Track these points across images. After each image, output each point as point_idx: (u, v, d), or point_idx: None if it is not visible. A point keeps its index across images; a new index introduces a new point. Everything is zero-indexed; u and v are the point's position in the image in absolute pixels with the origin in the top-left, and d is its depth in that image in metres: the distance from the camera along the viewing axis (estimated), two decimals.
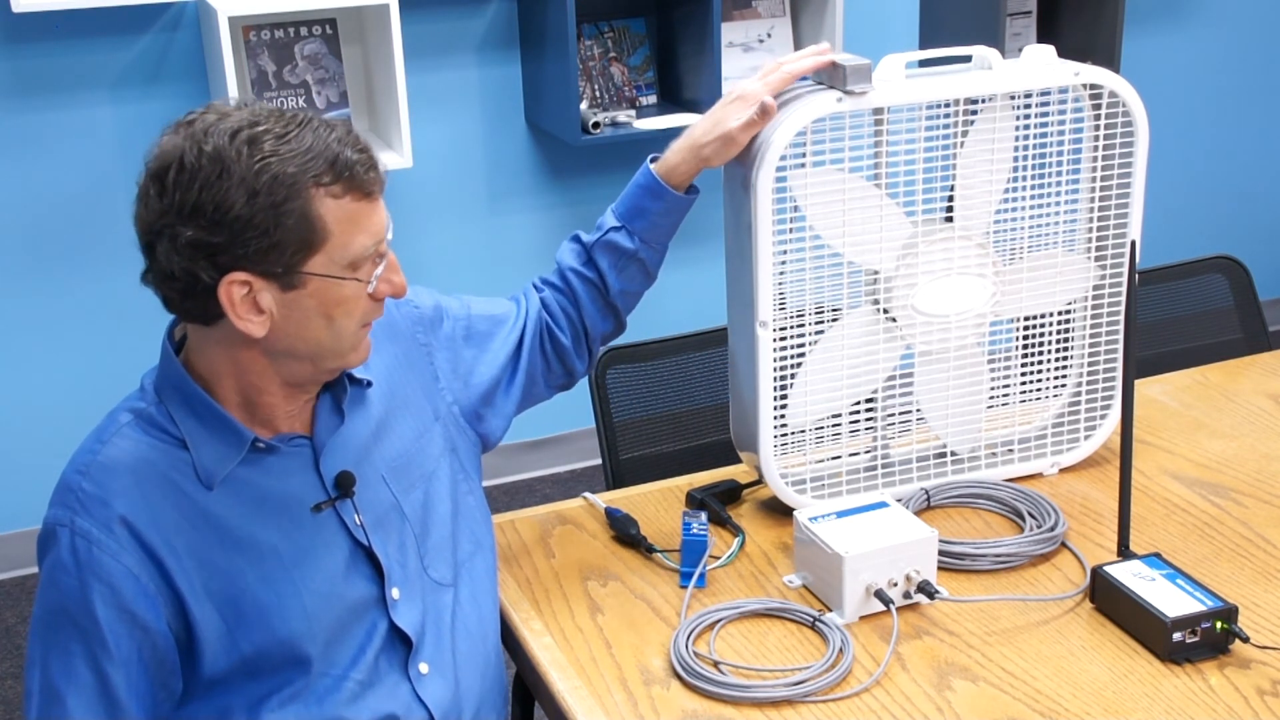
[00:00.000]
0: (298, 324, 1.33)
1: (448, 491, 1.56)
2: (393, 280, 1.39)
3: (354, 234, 1.32)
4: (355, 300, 1.35)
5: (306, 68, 3.03)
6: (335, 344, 1.37)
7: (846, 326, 1.69)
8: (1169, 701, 1.39)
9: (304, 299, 1.32)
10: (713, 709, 1.40)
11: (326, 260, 1.31)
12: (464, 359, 1.62)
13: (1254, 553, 1.65)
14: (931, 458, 1.80)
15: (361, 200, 1.33)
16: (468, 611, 1.53)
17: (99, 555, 1.31)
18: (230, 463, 1.37)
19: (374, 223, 1.35)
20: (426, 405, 1.56)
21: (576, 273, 1.67)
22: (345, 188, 1.31)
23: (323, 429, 1.44)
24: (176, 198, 1.27)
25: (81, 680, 1.33)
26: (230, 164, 1.26)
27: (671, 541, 1.68)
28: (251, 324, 1.31)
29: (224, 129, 1.28)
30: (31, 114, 2.99)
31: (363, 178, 1.32)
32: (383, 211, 1.37)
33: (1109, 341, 1.81)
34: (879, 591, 1.51)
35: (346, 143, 1.32)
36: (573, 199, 3.51)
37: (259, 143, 1.28)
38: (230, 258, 1.28)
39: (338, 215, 1.31)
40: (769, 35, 3.50)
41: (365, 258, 1.34)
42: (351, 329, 1.37)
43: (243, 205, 1.26)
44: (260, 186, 1.26)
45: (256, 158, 1.27)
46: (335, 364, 1.40)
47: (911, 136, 1.64)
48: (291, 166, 1.27)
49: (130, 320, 3.12)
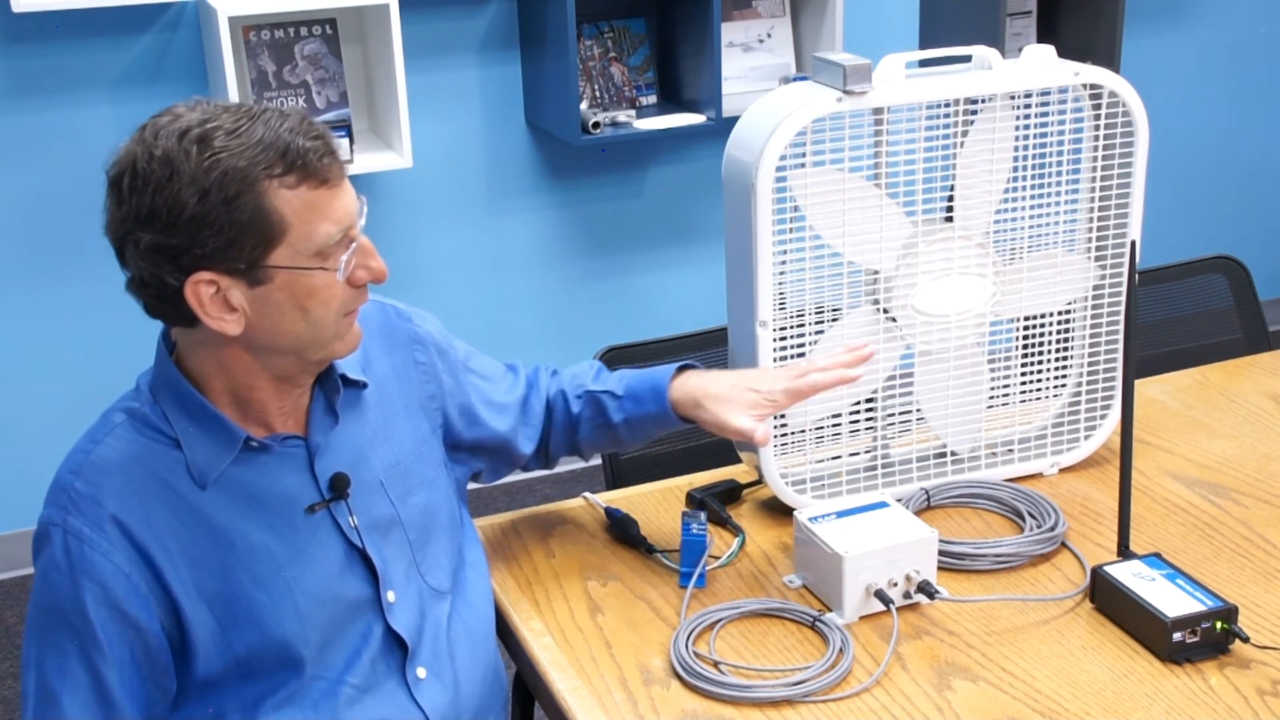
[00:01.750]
0: (272, 319, 1.32)
1: (447, 501, 1.56)
2: (370, 265, 1.36)
3: (316, 223, 1.29)
4: (328, 289, 1.32)
5: (306, 68, 3.03)
6: (315, 335, 1.34)
7: (846, 326, 1.69)
8: (1169, 701, 1.39)
9: (273, 293, 1.30)
10: (713, 709, 1.40)
11: (290, 252, 1.29)
12: (469, 396, 1.61)
13: (1254, 553, 1.65)
14: (931, 458, 1.80)
15: (319, 188, 1.29)
16: (466, 618, 1.53)
17: (91, 555, 1.31)
18: (223, 462, 1.37)
19: (337, 209, 1.31)
20: (424, 420, 1.56)
21: (564, 396, 1.68)
22: (300, 177, 1.28)
23: (317, 430, 1.43)
24: (133, 203, 1.27)
25: (76, 679, 1.33)
26: (180, 164, 1.25)
27: (671, 541, 1.68)
28: (225, 323, 1.30)
29: (174, 130, 1.26)
30: (31, 114, 2.99)
31: (316, 165, 1.28)
32: (348, 197, 1.33)
33: (1109, 341, 1.81)
34: (879, 591, 1.51)
35: (299, 131, 1.28)
36: (573, 199, 3.51)
37: (208, 140, 1.26)
38: (191, 258, 1.27)
39: (295, 206, 1.28)
40: (769, 35, 3.50)
41: (332, 246, 1.31)
42: (330, 319, 1.34)
43: (195, 205, 1.25)
44: (210, 184, 1.25)
45: (205, 155, 1.25)
46: (320, 355, 1.37)
47: (911, 136, 1.64)
48: (241, 160, 1.25)
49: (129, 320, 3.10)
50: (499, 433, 1.63)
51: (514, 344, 3.44)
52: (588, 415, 1.68)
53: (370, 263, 1.36)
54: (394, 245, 3.26)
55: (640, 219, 3.59)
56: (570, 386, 1.69)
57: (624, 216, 3.57)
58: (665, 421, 1.64)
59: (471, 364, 1.63)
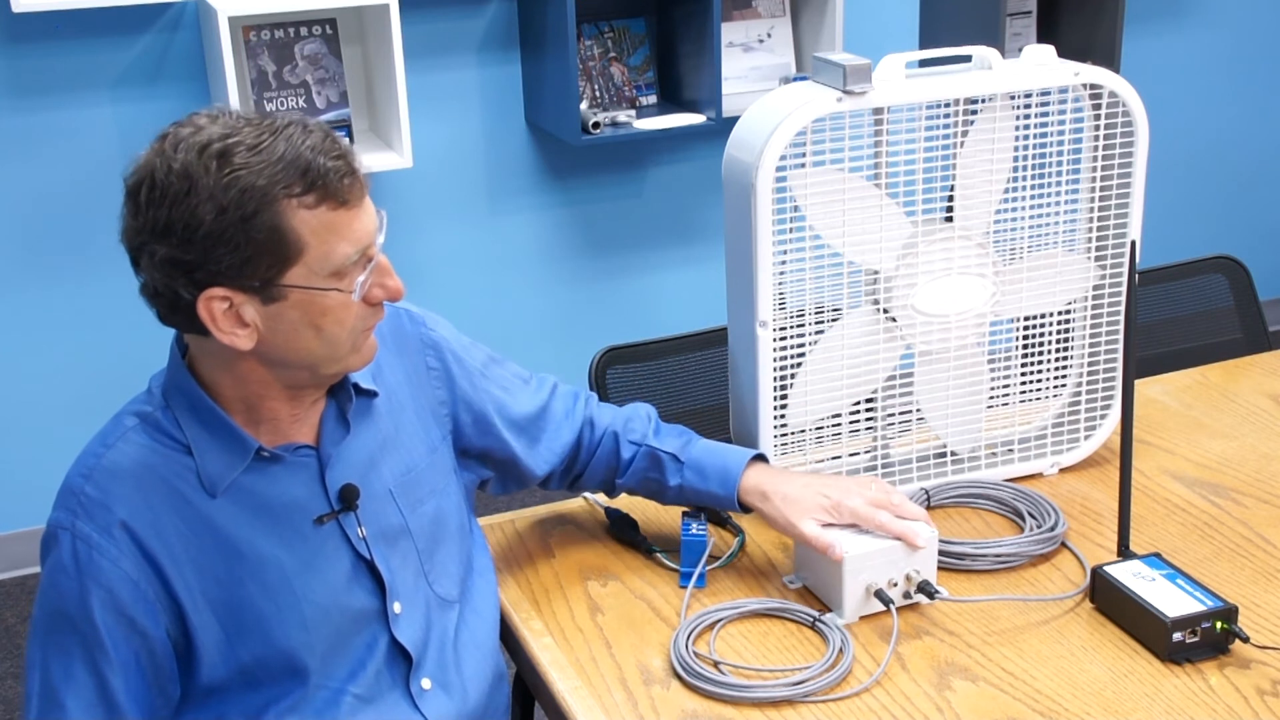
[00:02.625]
0: (285, 336, 1.30)
1: (456, 509, 1.55)
2: (386, 284, 1.35)
3: (334, 243, 1.28)
4: (342, 309, 1.31)
5: (306, 68, 3.03)
6: (330, 351, 1.34)
7: (846, 326, 1.69)
8: (1169, 701, 1.39)
9: (287, 311, 1.29)
10: (713, 709, 1.40)
11: (306, 272, 1.28)
12: (488, 406, 1.60)
13: (1254, 553, 1.65)
14: (931, 458, 1.80)
15: (339, 209, 1.27)
16: (474, 627, 1.53)
17: (99, 560, 1.31)
18: (234, 471, 1.36)
19: (356, 230, 1.29)
20: (434, 427, 1.55)
21: (616, 438, 1.66)
22: (319, 198, 1.26)
23: (328, 440, 1.42)
24: (150, 215, 1.25)
25: (80, 683, 1.33)
26: (198, 179, 1.23)
27: (671, 542, 1.68)
28: (237, 338, 1.29)
29: (195, 143, 1.24)
30: (31, 114, 2.99)
31: (336, 185, 1.27)
32: (368, 217, 1.32)
33: (1109, 341, 1.81)
34: (879, 592, 1.51)
35: (321, 150, 1.26)
36: (573, 199, 3.51)
37: (229, 156, 1.24)
38: (205, 274, 1.25)
39: (313, 226, 1.26)
40: (769, 35, 3.50)
41: (349, 266, 1.30)
42: (344, 336, 1.33)
43: (212, 221, 1.23)
44: (229, 202, 1.23)
45: (225, 171, 1.23)
46: (334, 369, 1.37)
47: (911, 136, 1.64)
48: (261, 179, 1.23)
49: (130, 320, 3.11)
50: (510, 447, 1.61)
51: (514, 344, 3.44)
52: (640, 468, 1.66)
53: (387, 281, 1.35)
54: (394, 245, 3.23)
55: (640, 219, 3.59)
56: (624, 429, 1.67)
57: (624, 216, 3.57)
58: (726, 505, 1.62)
59: (490, 371, 1.61)
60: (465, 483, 1.60)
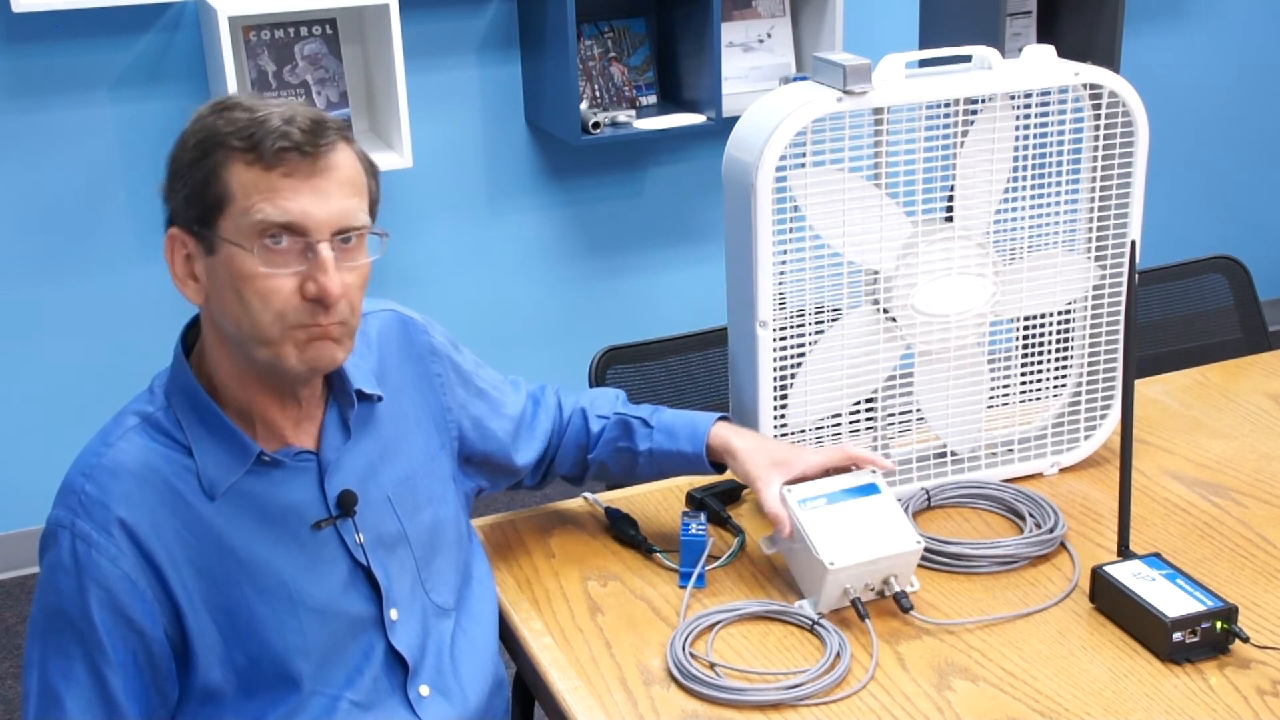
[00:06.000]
0: (219, 296, 1.32)
1: (455, 517, 1.55)
2: (317, 278, 1.30)
3: (256, 202, 1.28)
4: (261, 280, 1.29)
5: (306, 68, 3.03)
6: (253, 329, 1.31)
7: (846, 326, 1.69)
8: (1169, 701, 1.39)
9: (218, 267, 1.31)
10: (713, 710, 1.40)
11: (232, 226, 1.30)
12: (480, 407, 1.62)
13: (1254, 553, 1.65)
14: (931, 458, 1.80)
15: (272, 172, 1.28)
16: (471, 634, 1.52)
17: (98, 559, 1.31)
18: (234, 474, 1.36)
19: (288, 201, 1.28)
20: (436, 434, 1.55)
21: (584, 414, 1.70)
22: (256, 156, 1.29)
23: (329, 446, 1.43)
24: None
25: (79, 681, 1.32)
26: (193, 122, 1.33)
27: (671, 541, 1.68)
28: (187, 287, 1.35)
29: (219, 102, 1.33)
30: (31, 114, 2.99)
31: (270, 148, 1.28)
32: (320, 200, 1.30)
33: (1109, 341, 1.81)
34: (855, 600, 1.51)
35: (289, 119, 1.29)
36: (573, 199, 3.51)
37: (222, 109, 1.32)
38: (171, 208, 1.34)
39: (243, 180, 1.29)
40: (769, 35, 3.50)
41: (266, 230, 1.28)
42: (266, 317, 1.30)
43: (178, 155, 1.33)
44: (194, 141, 1.31)
45: (207, 117, 1.32)
46: (263, 354, 1.32)
47: (911, 136, 1.64)
48: (225, 129, 1.30)
49: (131, 320, 3.12)
50: (507, 447, 1.64)
51: (514, 344, 3.44)
52: (609, 436, 1.68)
53: (318, 275, 1.30)
54: (394, 245, 3.24)
55: (640, 219, 3.59)
56: (591, 406, 1.71)
57: (624, 216, 3.57)
58: (694, 464, 1.65)
59: (480, 374, 1.63)
60: (464, 491, 1.61)
